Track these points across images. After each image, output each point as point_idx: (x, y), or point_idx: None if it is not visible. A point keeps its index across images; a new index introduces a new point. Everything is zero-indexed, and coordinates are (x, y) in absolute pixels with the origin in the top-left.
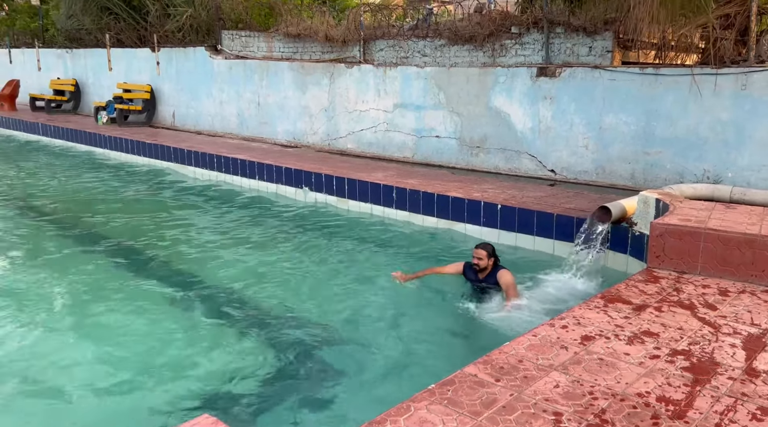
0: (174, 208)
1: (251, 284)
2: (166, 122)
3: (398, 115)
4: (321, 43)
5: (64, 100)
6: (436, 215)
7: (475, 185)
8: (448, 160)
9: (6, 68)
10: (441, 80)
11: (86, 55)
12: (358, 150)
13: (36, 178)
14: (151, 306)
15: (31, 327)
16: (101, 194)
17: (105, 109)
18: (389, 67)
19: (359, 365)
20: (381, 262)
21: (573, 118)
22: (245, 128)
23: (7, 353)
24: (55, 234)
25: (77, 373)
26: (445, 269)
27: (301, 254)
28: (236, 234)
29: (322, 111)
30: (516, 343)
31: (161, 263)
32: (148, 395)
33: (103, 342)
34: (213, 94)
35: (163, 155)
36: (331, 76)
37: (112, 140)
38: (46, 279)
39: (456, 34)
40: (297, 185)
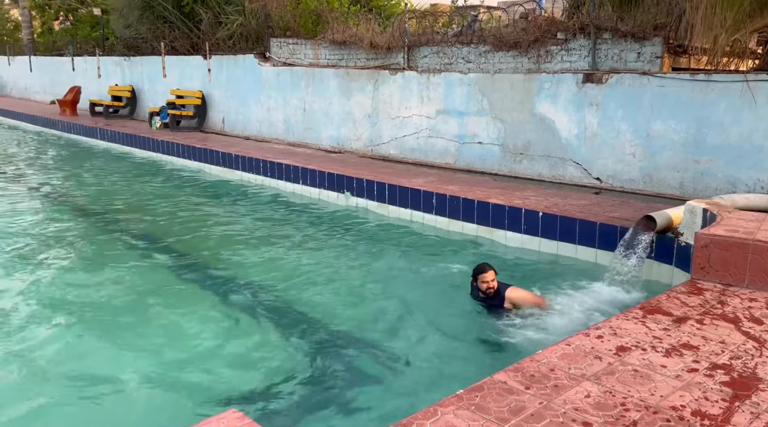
0: (221, 210)
1: (290, 286)
2: (216, 128)
3: (441, 122)
4: (366, 50)
5: (121, 105)
6: (476, 222)
7: (517, 192)
8: (490, 167)
9: (69, 75)
10: (485, 86)
11: (142, 62)
12: (401, 156)
13: (92, 181)
14: (192, 304)
15: (81, 322)
16: (152, 196)
17: (159, 114)
18: (433, 73)
19: (390, 368)
20: (419, 268)
21: (620, 125)
22: (291, 134)
23: (59, 344)
24: (108, 233)
25: (120, 365)
26: None
27: (340, 257)
28: (278, 237)
29: (365, 117)
30: (549, 351)
31: (205, 262)
32: (185, 390)
33: (146, 337)
34: (261, 101)
35: (212, 159)
36: (375, 83)
37: (164, 144)
38: (97, 277)
39: (501, 40)
40: (339, 190)
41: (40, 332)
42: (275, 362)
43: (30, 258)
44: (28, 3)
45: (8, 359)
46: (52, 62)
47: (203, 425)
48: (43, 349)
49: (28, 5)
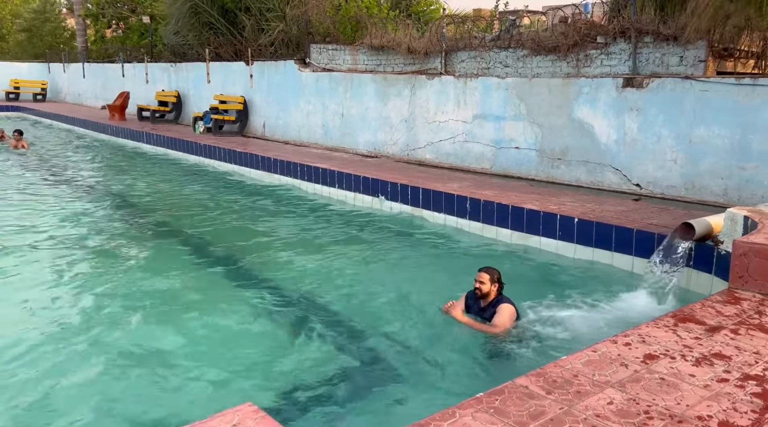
0: (258, 212)
1: (321, 286)
2: (257, 132)
3: (477, 126)
4: (403, 55)
5: (167, 110)
6: (510, 227)
7: (553, 198)
8: (527, 172)
9: (119, 81)
10: (522, 91)
11: (188, 68)
12: (436, 160)
13: (138, 183)
14: (227, 302)
15: (123, 317)
16: (193, 198)
17: (202, 119)
18: (470, 78)
19: (415, 369)
20: (453, 272)
21: (661, 131)
22: (329, 139)
23: (106, 329)
24: (150, 233)
25: (156, 357)
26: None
27: (373, 261)
28: (312, 239)
29: (402, 122)
30: (573, 357)
31: (242, 262)
32: (208, 382)
33: (181, 332)
34: (300, 106)
35: (252, 163)
36: (412, 88)
37: (207, 149)
38: (140, 271)
39: (539, 44)
40: (374, 194)
41: (85, 318)
42: (300, 361)
43: (81, 253)
44: (83, 12)
45: (68, 340)
46: (104, 69)
47: (218, 417)
48: (92, 334)
49: (83, 14)
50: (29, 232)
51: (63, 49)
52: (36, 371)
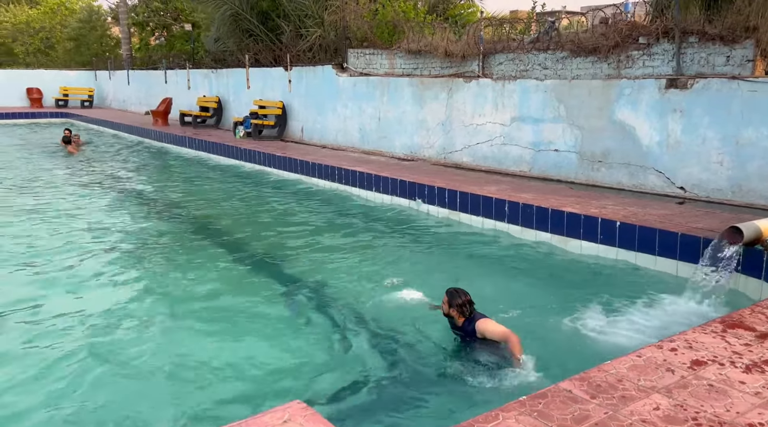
0: (296, 215)
1: (360, 290)
2: (295, 136)
3: (515, 129)
4: (440, 58)
5: (208, 115)
6: (550, 231)
7: (593, 201)
8: (566, 175)
9: (162, 87)
10: (561, 93)
11: (228, 74)
12: (473, 163)
13: (180, 186)
14: (268, 302)
15: (166, 315)
16: (233, 201)
17: (242, 124)
18: (508, 80)
19: (457, 370)
20: (490, 276)
21: (706, 133)
22: (366, 142)
23: (147, 328)
24: (191, 234)
25: (197, 353)
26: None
27: (410, 264)
28: (351, 241)
29: (438, 125)
30: (618, 362)
31: (281, 263)
32: (256, 381)
33: (222, 330)
34: (337, 110)
35: (291, 167)
36: (449, 91)
37: (247, 153)
38: (181, 271)
39: (579, 45)
40: (410, 197)
41: (130, 317)
42: (343, 361)
43: (124, 252)
44: (128, 21)
45: (110, 336)
46: (147, 75)
47: (269, 413)
48: (135, 333)
49: (129, 23)
50: (78, 230)
51: (109, 57)
52: (90, 367)
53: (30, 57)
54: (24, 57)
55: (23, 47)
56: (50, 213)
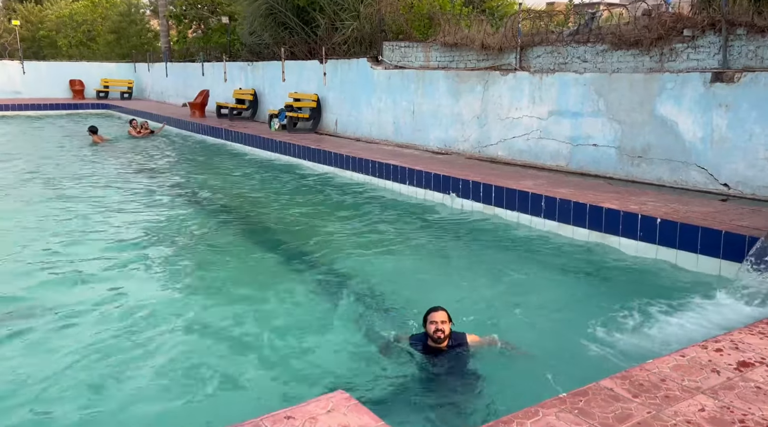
0: (330, 207)
1: (395, 283)
2: (329, 129)
3: (553, 123)
4: (477, 51)
5: (244, 108)
6: (588, 227)
7: (633, 197)
8: (605, 170)
9: (199, 80)
10: (601, 86)
11: (264, 67)
12: (509, 157)
13: (216, 177)
14: (303, 294)
15: (204, 307)
16: (268, 194)
17: (277, 116)
18: (546, 73)
19: (496, 365)
20: (526, 271)
21: (753, 128)
22: (400, 135)
23: (182, 324)
24: (227, 226)
25: (239, 346)
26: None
27: (444, 258)
28: (385, 235)
29: (474, 118)
30: (660, 361)
31: (317, 255)
32: (298, 372)
33: (261, 321)
34: (372, 103)
35: (325, 160)
36: (485, 84)
37: (282, 145)
38: (217, 263)
39: (620, 38)
40: (444, 191)
41: (173, 309)
42: (377, 355)
43: (161, 244)
44: (167, 14)
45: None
46: (185, 68)
47: (313, 402)
48: (182, 323)
49: (167, 16)
50: (114, 223)
51: (147, 50)
52: (133, 359)
53: (72, 49)
54: (67, 49)
55: (66, 40)
56: (84, 201)
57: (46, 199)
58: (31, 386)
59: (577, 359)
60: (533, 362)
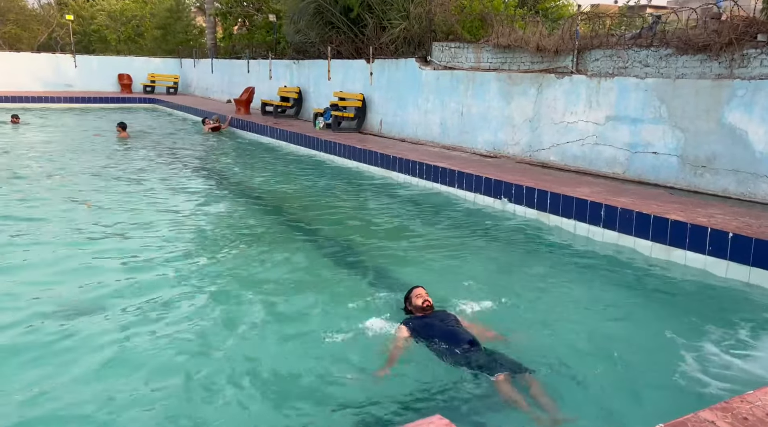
0: (374, 209)
1: (447, 290)
2: (374, 129)
3: (610, 129)
4: (531, 53)
5: (288, 106)
6: (651, 239)
7: (699, 209)
8: (665, 179)
9: (244, 77)
10: (664, 92)
11: (310, 65)
12: (561, 163)
13: (261, 174)
14: (351, 299)
15: (256, 309)
16: (311, 192)
17: (322, 115)
18: (604, 77)
19: (568, 391)
20: (583, 284)
21: None
22: (447, 137)
23: (221, 321)
24: (270, 225)
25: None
26: (398, 343)
27: (494, 265)
28: (434, 238)
29: (525, 122)
30: (762, 393)
31: (363, 257)
32: (397, 393)
33: (341, 333)
34: (419, 104)
35: (371, 160)
36: (539, 87)
37: (326, 144)
38: (263, 261)
39: (686, 42)
40: (495, 196)
41: (215, 305)
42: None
43: (206, 238)
44: (213, 11)
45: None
46: (230, 65)
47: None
48: (227, 322)
49: (213, 13)
50: (162, 218)
51: (193, 46)
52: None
53: (121, 44)
54: (116, 44)
55: (116, 35)
56: (125, 195)
57: (89, 189)
58: (81, 384)
59: (664, 388)
60: (618, 391)
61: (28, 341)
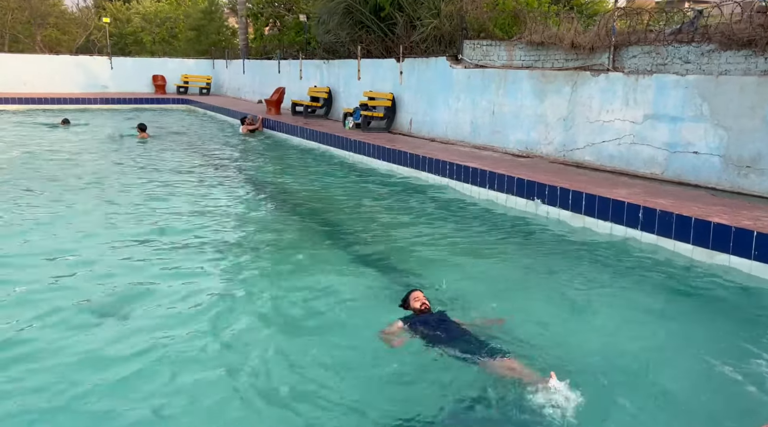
0: (402, 210)
1: (478, 296)
2: (403, 129)
3: (648, 127)
4: (565, 50)
5: (318, 106)
6: (692, 242)
7: (744, 211)
8: (706, 180)
9: (275, 77)
10: (706, 90)
11: (339, 65)
12: (597, 163)
13: (290, 174)
14: (379, 301)
15: (285, 303)
16: (340, 193)
17: (352, 115)
18: (642, 74)
19: (613, 399)
20: (621, 289)
21: None
22: (477, 136)
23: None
24: (299, 226)
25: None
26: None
27: (527, 269)
28: (465, 241)
29: (559, 121)
30: None
31: (391, 259)
32: None
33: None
34: (449, 103)
35: (400, 160)
36: (574, 85)
37: (356, 144)
38: (291, 263)
39: (730, 38)
40: (528, 197)
41: (263, 320)
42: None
43: (233, 237)
44: (245, 12)
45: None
46: (261, 65)
47: None
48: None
49: (245, 14)
50: (191, 215)
51: (225, 47)
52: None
53: (156, 46)
54: (150, 46)
55: (150, 36)
56: (153, 196)
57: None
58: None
59: (730, 405)
60: (687, 408)
61: (56, 338)
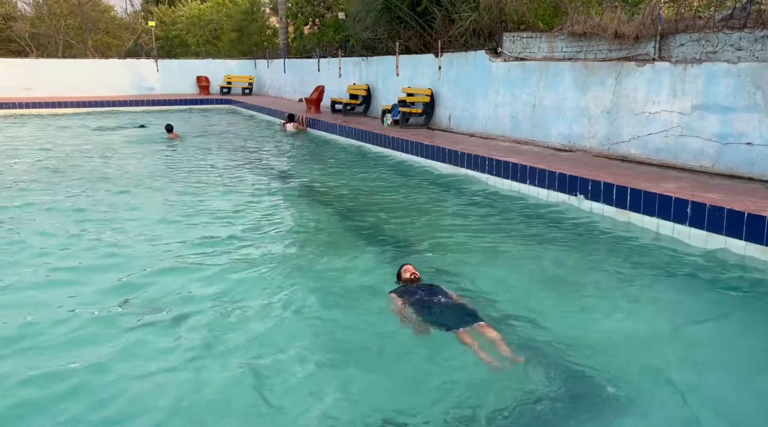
0: (442, 206)
1: (518, 294)
2: (442, 125)
3: (697, 118)
4: (609, 41)
5: (357, 103)
6: (745, 239)
7: None
8: (761, 173)
9: (315, 76)
10: (760, 78)
11: (378, 62)
12: (643, 156)
13: (330, 172)
14: None
15: (324, 302)
16: (379, 190)
17: (390, 112)
18: (690, 63)
19: (637, 406)
20: (668, 288)
21: None
22: (518, 131)
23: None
24: (337, 223)
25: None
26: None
27: (569, 269)
28: (504, 238)
29: (602, 113)
30: None
31: (432, 258)
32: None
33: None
34: (488, 97)
35: (439, 157)
36: (618, 76)
37: (394, 141)
38: (324, 258)
39: None
40: (571, 192)
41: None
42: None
43: (265, 234)
44: (285, 12)
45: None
46: (301, 64)
47: None
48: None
49: (285, 14)
50: (227, 213)
51: (267, 47)
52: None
53: (200, 47)
54: (195, 47)
55: (195, 38)
56: (188, 196)
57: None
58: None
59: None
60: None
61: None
